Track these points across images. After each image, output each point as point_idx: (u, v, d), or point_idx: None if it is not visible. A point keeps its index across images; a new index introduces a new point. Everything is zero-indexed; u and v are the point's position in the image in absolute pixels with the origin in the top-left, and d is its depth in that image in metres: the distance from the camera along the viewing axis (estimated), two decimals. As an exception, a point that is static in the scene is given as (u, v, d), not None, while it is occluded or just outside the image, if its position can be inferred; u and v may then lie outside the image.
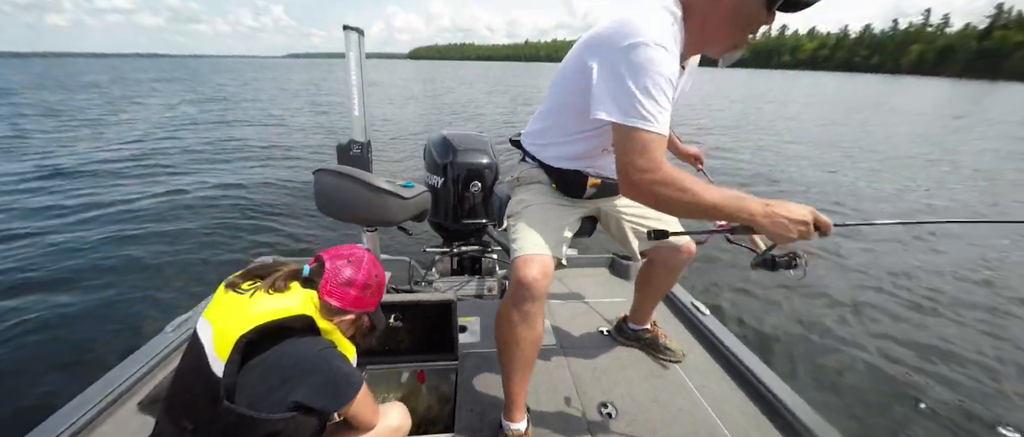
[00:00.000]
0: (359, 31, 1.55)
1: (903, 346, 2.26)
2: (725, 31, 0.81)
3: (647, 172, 0.77)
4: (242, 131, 8.37)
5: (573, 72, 0.89)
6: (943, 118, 13.45)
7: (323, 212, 1.34)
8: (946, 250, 3.48)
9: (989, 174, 6.25)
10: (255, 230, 3.57)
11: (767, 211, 0.75)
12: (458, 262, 2.08)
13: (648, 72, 0.75)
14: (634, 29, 0.76)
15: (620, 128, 0.78)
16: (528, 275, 0.95)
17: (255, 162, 5.85)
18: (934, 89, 34.17)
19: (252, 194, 4.43)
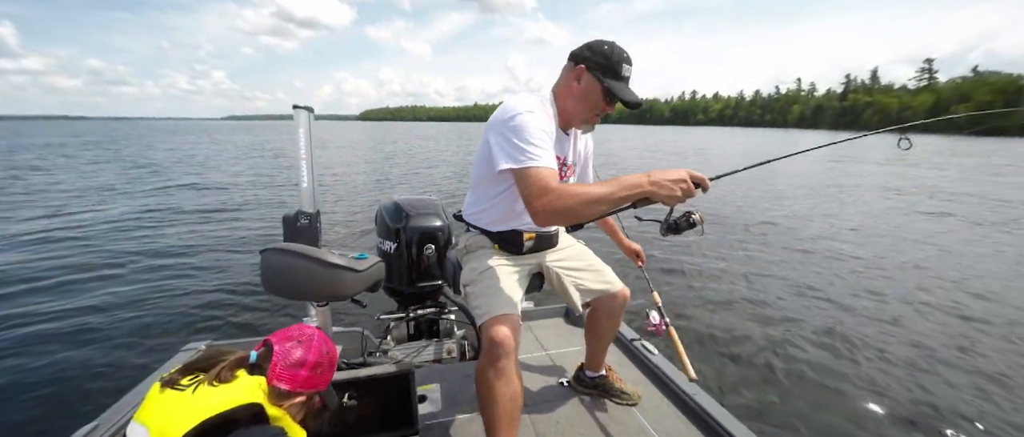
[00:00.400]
0: (309, 109, 1.63)
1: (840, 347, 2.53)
2: (578, 110, 1.13)
3: (543, 197, 0.93)
4: (172, 200, 7.59)
5: (482, 148, 1.14)
6: (828, 160, 16.83)
7: (270, 291, 1.27)
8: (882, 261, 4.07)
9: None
10: (188, 314, 3.13)
11: (651, 179, 0.89)
12: (415, 326, 2.02)
13: (524, 129, 1.00)
14: (510, 107, 1.05)
15: (516, 172, 0.99)
16: (500, 334, 1.04)
17: (188, 235, 5.25)
18: (814, 139, 41.68)
19: (186, 272, 3.94)
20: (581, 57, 1.09)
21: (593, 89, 1.08)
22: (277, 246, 1.24)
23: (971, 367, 2.48)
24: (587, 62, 1.08)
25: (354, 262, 1.28)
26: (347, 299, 1.30)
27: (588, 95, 1.09)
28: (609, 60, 1.06)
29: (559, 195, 0.92)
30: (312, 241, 1.72)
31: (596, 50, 1.07)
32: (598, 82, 1.07)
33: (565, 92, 1.12)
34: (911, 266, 4.29)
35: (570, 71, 1.11)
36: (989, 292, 3.61)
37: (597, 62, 1.07)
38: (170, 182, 9.73)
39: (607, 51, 1.07)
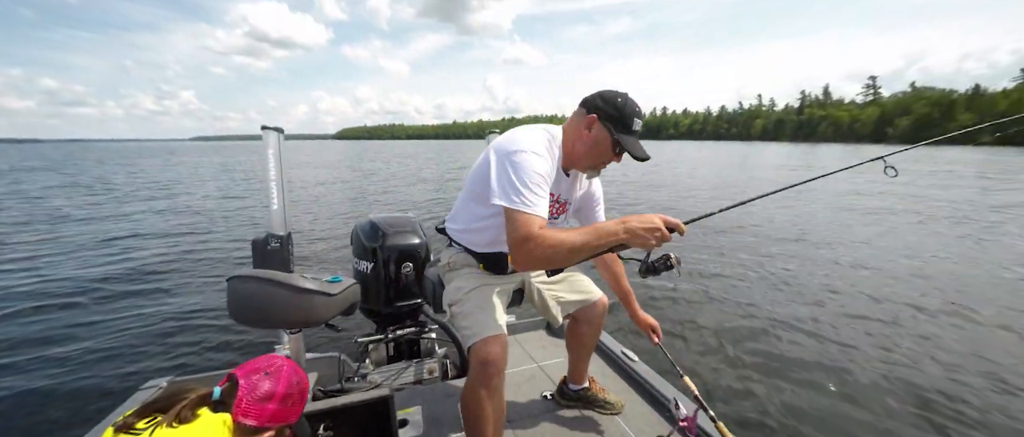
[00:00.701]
0: (279, 130, 1.61)
1: (814, 358, 2.62)
2: (585, 158, 1.13)
3: (525, 244, 0.96)
4: (133, 225, 7.12)
5: (481, 167, 1.13)
6: (791, 166, 17.80)
7: (238, 321, 1.21)
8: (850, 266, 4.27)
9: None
10: (149, 348, 2.90)
11: (627, 227, 0.94)
12: (394, 347, 1.97)
13: (525, 169, 1.00)
14: (518, 140, 1.06)
15: (506, 210, 1.00)
16: (491, 354, 1.06)
17: (151, 263, 4.90)
18: (775, 150, 44.25)
19: (147, 303, 3.66)
20: (594, 106, 1.09)
21: (603, 139, 1.08)
22: (244, 273, 1.20)
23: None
24: (599, 112, 1.08)
25: (327, 286, 1.24)
26: (321, 324, 1.26)
27: (597, 144, 1.09)
28: (621, 113, 1.07)
29: (539, 244, 0.95)
30: (284, 264, 1.67)
31: (609, 101, 1.08)
32: (608, 134, 1.07)
33: (574, 136, 1.12)
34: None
35: (581, 117, 1.10)
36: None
37: (609, 113, 1.07)
38: (131, 207, 9.17)
39: (620, 104, 1.07)
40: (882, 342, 2.88)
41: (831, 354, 2.72)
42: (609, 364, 1.76)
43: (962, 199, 9.47)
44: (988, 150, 33.41)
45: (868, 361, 2.63)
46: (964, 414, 2.12)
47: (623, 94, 1.09)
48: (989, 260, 4.81)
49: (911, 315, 3.33)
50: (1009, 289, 3.89)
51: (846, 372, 2.52)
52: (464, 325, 1.14)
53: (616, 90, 1.10)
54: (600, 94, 1.10)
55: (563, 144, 1.13)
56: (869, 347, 2.80)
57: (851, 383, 2.41)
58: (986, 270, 4.46)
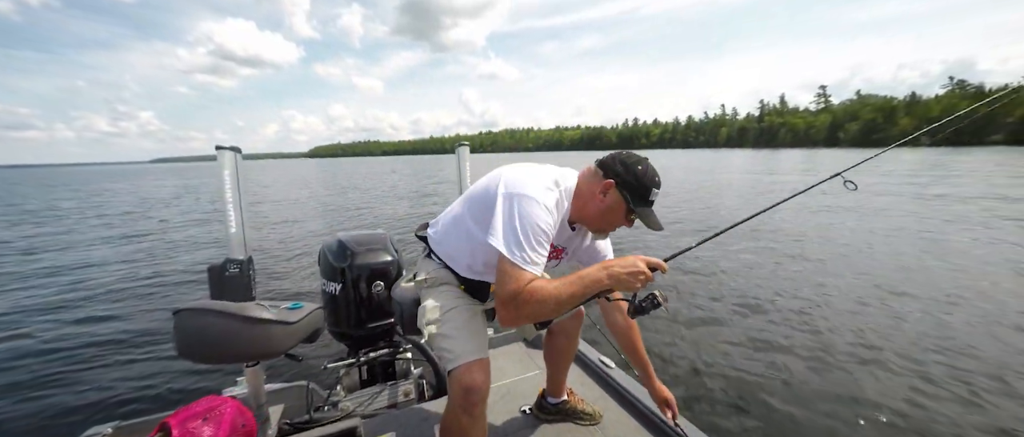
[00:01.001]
0: (235, 149, 1.54)
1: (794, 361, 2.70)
2: (596, 220, 1.08)
3: (513, 302, 0.93)
4: (80, 256, 6.58)
5: (486, 193, 1.05)
6: (755, 172, 18.71)
7: (186, 358, 1.11)
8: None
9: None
10: (95, 391, 2.63)
11: (609, 273, 0.94)
12: (367, 371, 1.88)
13: (531, 224, 0.95)
14: (529, 185, 0.99)
15: (502, 260, 0.95)
16: (475, 381, 1.01)
17: (100, 296, 4.52)
18: (740, 156, 46.66)
19: (95, 341, 3.34)
20: (613, 172, 1.03)
21: (617, 206, 1.03)
22: (192, 305, 1.11)
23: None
24: (618, 179, 1.02)
25: (287, 313, 1.17)
26: (280, 355, 1.18)
27: (611, 211, 1.04)
28: (640, 183, 1.01)
29: (527, 300, 0.92)
30: (244, 291, 1.57)
31: (630, 169, 1.02)
32: (624, 202, 1.02)
33: (588, 198, 1.06)
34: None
35: (597, 179, 1.04)
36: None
37: (627, 182, 1.01)
38: (78, 235, 8.49)
39: (640, 173, 1.01)
40: (856, 350, 2.99)
41: (810, 363, 2.74)
42: (587, 373, 1.75)
43: (923, 196, 10.20)
44: (929, 151, 36.44)
45: (843, 367, 2.71)
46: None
47: (644, 161, 1.04)
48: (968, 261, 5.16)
49: (889, 312, 3.52)
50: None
51: (825, 380, 2.55)
52: (444, 348, 1.08)
53: (637, 155, 1.06)
54: (621, 159, 1.04)
55: (575, 198, 1.07)
56: (844, 356, 2.85)
57: (829, 391, 2.42)
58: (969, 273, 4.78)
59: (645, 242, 6.13)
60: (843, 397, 2.34)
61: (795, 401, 2.32)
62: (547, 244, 0.97)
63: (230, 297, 1.55)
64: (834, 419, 2.16)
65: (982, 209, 8.13)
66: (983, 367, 2.58)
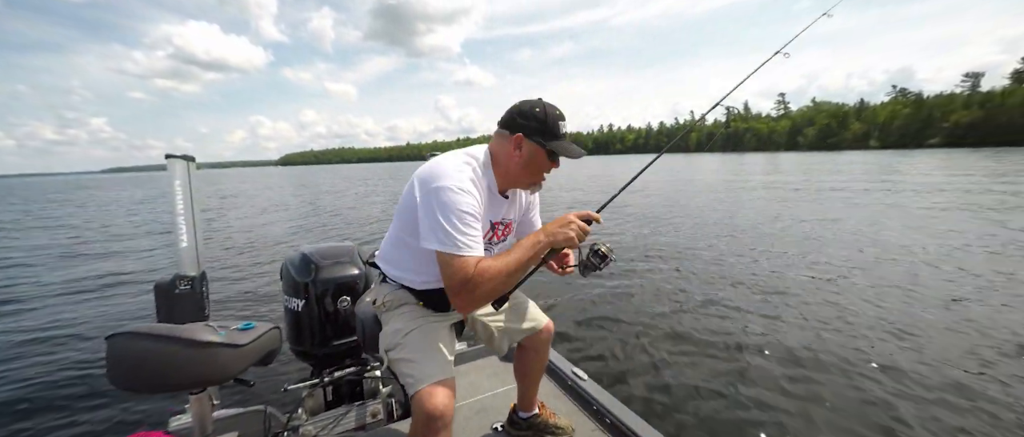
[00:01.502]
0: (188, 158, 1.45)
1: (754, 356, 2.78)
2: (523, 176, 1.10)
3: (465, 289, 0.94)
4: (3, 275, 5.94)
5: (408, 199, 1.05)
6: (728, 176, 19.65)
7: (120, 388, 1.01)
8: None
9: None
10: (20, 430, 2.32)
11: (546, 232, 1.02)
12: (333, 391, 1.79)
13: (453, 210, 0.96)
14: (441, 175, 0.99)
15: (440, 255, 0.96)
16: (438, 405, 0.97)
17: (26, 323, 3.98)
18: (709, 160, 48.61)
19: (19, 376, 2.91)
20: (516, 125, 1.05)
21: (536, 154, 1.06)
22: (127, 329, 1.01)
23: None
24: (524, 129, 1.04)
25: (236, 335, 1.09)
26: (228, 381, 1.09)
27: (532, 160, 1.07)
28: (545, 123, 1.04)
29: (478, 283, 0.93)
30: (196, 310, 1.48)
31: (529, 115, 1.04)
32: (540, 146, 1.05)
33: (506, 161, 1.08)
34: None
35: (507, 139, 1.06)
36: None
37: (534, 127, 1.04)
38: (5, 252, 7.68)
39: (540, 114, 1.04)
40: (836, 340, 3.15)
41: (787, 362, 2.74)
42: (559, 385, 1.74)
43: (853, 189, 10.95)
44: (875, 153, 39.08)
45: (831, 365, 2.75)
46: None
47: (539, 102, 1.06)
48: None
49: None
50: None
51: (811, 385, 2.49)
52: (406, 372, 1.04)
53: (531, 100, 1.07)
54: (518, 111, 1.06)
55: (495, 168, 1.09)
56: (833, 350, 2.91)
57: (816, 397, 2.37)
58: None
59: (615, 231, 6.26)
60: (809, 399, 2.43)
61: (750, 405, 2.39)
62: (476, 223, 0.99)
63: (179, 317, 1.45)
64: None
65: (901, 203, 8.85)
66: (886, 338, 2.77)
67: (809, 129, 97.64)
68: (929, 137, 72.41)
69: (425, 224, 0.97)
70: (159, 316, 1.42)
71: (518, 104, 1.08)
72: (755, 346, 2.99)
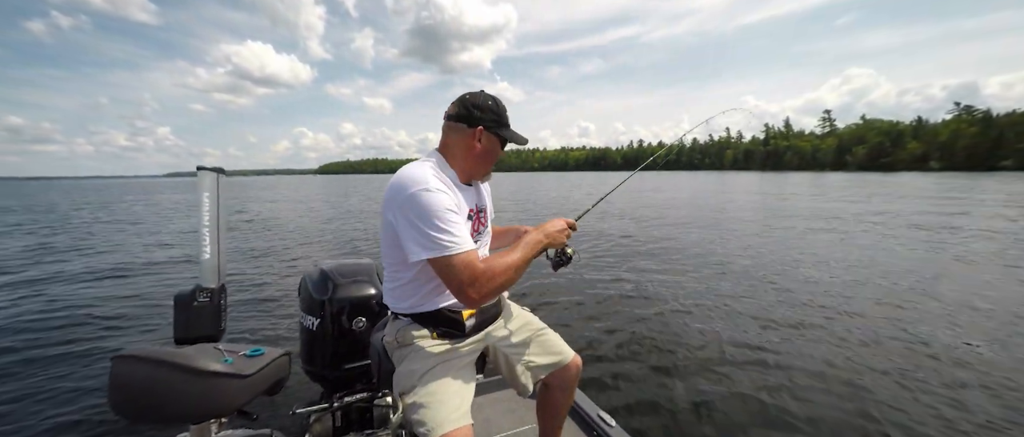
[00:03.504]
0: (218, 171, 1.45)
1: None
2: (482, 165, 1.14)
3: (475, 284, 0.92)
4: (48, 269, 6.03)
5: (385, 226, 1.02)
6: (764, 195, 18.39)
7: (119, 414, 0.97)
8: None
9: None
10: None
11: (545, 233, 1.10)
12: (342, 416, 1.71)
13: (432, 212, 0.93)
14: (406, 183, 0.96)
15: (435, 261, 0.93)
16: None
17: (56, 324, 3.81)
18: (747, 179, 46.20)
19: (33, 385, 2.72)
20: (475, 118, 1.07)
21: (494, 144, 1.11)
22: (132, 351, 0.97)
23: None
24: (483, 122, 1.08)
25: (243, 362, 1.03)
26: (231, 414, 1.03)
27: (490, 151, 1.12)
28: (498, 114, 1.10)
29: (489, 277, 0.93)
30: (213, 323, 1.45)
31: (485, 109, 1.08)
32: (496, 137, 1.11)
33: (465, 154, 1.10)
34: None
35: (465, 133, 1.08)
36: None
37: (491, 119, 1.09)
38: (54, 254, 7.58)
39: (494, 106, 1.09)
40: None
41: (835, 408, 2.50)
42: (583, 429, 1.57)
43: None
44: (937, 175, 35.62)
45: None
46: None
47: (483, 93, 1.10)
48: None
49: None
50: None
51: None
52: (420, 419, 0.95)
53: (477, 93, 1.11)
54: (472, 104, 1.08)
55: (451, 162, 1.11)
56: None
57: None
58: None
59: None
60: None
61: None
62: (459, 216, 0.98)
63: (196, 330, 1.43)
64: None
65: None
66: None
67: (858, 148, 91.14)
68: (1001, 159, 65.76)
69: (408, 237, 0.94)
70: (176, 328, 1.41)
71: (469, 97, 1.09)
72: (816, 414, 2.61)
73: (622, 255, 6.92)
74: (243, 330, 3.68)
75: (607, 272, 5.82)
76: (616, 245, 7.76)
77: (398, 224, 0.95)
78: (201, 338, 1.38)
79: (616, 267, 6.09)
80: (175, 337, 1.40)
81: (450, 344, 1.09)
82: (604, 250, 7.29)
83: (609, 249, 7.39)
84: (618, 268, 6.01)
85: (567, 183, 41.02)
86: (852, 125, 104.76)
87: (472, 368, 1.12)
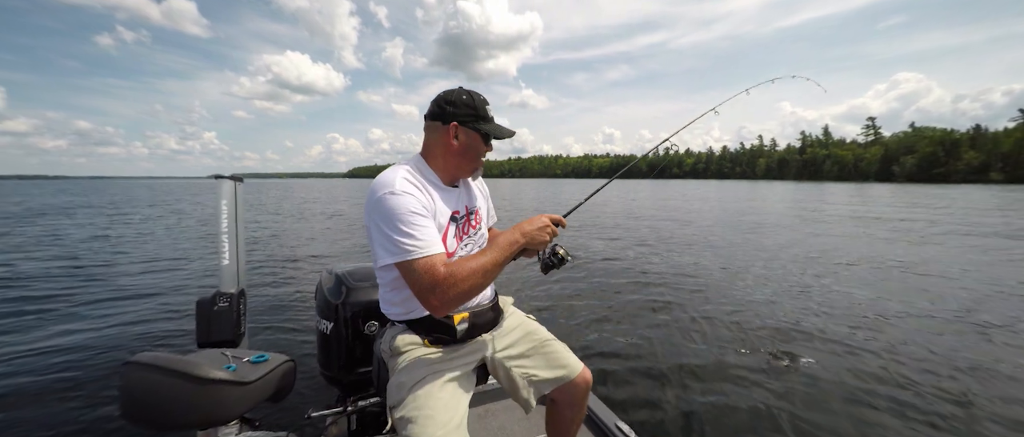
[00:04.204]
0: (236, 179, 1.50)
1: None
2: (464, 163, 1.09)
3: (437, 290, 0.87)
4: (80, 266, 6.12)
5: (368, 233, 1.01)
6: (798, 206, 17.39)
7: (130, 421, 0.99)
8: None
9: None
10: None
11: (523, 232, 0.99)
12: (357, 420, 1.72)
13: (395, 215, 0.91)
14: (379, 184, 0.96)
15: (399, 266, 0.91)
16: None
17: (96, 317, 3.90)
18: (782, 188, 43.88)
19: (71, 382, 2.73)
20: (448, 114, 1.05)
21: (472, 139, 1.07)
22: (140, 358, 0.99)
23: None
24: (457, 117, 1.05)
25: (246, 369, 1.04)
26: (234, 420, 1.04)
27: (470, 147, 1.07)
28: (474, 108, 1.06)
29: (452, 283, 0.88)
30: (232, 327, 1.50)
31: (458, 104, 1.05)
32: (475, 131, 1.06)
33: (444, 152, 1.07)
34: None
35: (440, 131, 1.06)
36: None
37: (466, 113, 1.05)
38: (104, 246, 8.20)
39: (468, 100, 1.05)
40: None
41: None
42: None
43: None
44: (1001, 189, 32.53)
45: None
46: None
47: (463, 90, 1.07)
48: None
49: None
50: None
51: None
52: (407, 434, 0.93)
53: (451, 88, 1.08)
54: (446, 100, 1.05)
55: (431, 162, 1.08)
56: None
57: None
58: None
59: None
60: None
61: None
62: (425, 218, 0.95)
63: (217, 333, 1.47)
64: None
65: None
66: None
67: (907, 157, 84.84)
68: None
69: (376, 242, 0.93)
70: (198, 331, 1.46)
71: (442, 94, 1.07)
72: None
73: (645, 260, 6.74)
74: (262, 332, 3.75)
75: (623, 277, 5.68)
76: (642, 251, 7.55)
77: (370, 229, 0.95)
78: (221, 342, 1.42)
79: (633, 270, 5.93)
80: (198, 341, 1.45)
81: (443, 353, 1.06)
82: (633, 258, 7.11)
83: (637, 258, 7.20)
84: (638, 271, 5.86)
85: (590, 187, 40.52)
86: (900, 133, 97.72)
87: (469, 379, 1.08)
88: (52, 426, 2.31)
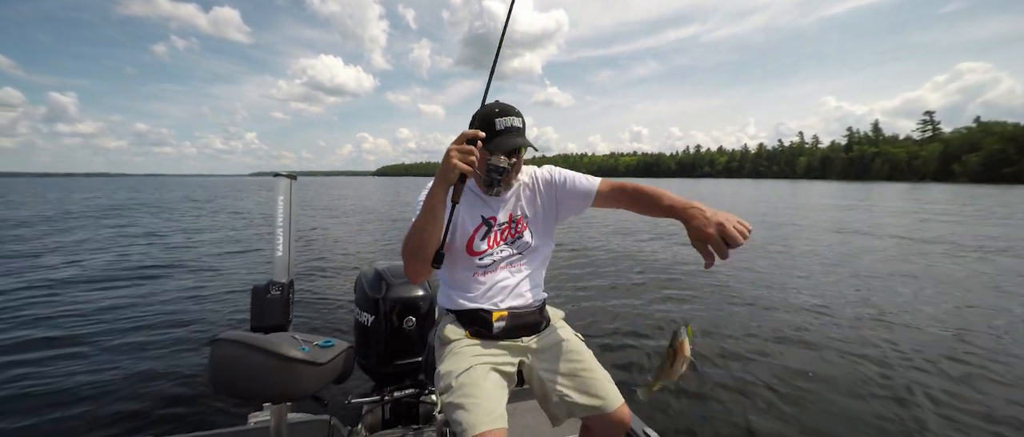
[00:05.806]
0: (291, 176, 1.60)
1: None
2: (479, 174, 1.11)
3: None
4: (135, 259, 6.70)
5: None
6: (840, 208, 16.16)
7: (218, 390, 1.11)
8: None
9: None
10: (132, 404, 2.50)
11: (437, 174, 1.00)
12: (392, 409, 1.79)
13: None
14: None
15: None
16: None
17: (154, 305, 4.37)
18: (825, 188, 41.02)
19: (137, 353, 3.20)
20: None
21: (483, 155, 1.07)
22: (230, 336, 1.09)
23: None
24: None
25: (318, 352, 1.13)
26: (307, 397, 1.13)
27: (480, 162, 1.08)
28: (482, 118, 1.06)
29: (402, 247, 1.05)
30: (282, 314, 1.60)
31: (475, 117, 1.07)
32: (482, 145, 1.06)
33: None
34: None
35: None
36: None
37: (478, 127, 1.06)
38: (152, 239, 8.97)
39: (482, 112, 1.07)
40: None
41: None
42: None
43: None
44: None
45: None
46: None
47: (485, 106, 1.08)
48: None
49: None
50: None
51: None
52: (456, 419, 0.96)
53: (490, 103, 1.10)
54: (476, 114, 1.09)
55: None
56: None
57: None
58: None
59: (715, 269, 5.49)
60: None
61: None
62: (427, 207, 1.02)
63: (269, 319, 1.58)
64: None
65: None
66: None
67: (971, 155, 76.96)
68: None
69: None
70: (252, 317, 1.57)
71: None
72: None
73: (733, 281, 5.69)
74: (306, 318, 4.03)
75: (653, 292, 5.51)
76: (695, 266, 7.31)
77: None
78: (272, 327, 1.52)
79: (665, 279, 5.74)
80: (251, 325, 1.57)
81: (482, 347, 1.08)
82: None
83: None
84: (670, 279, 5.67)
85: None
86: (962, 129, 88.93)
87: (510, 378, 1.10)
88: (140, 382, 2.80)
